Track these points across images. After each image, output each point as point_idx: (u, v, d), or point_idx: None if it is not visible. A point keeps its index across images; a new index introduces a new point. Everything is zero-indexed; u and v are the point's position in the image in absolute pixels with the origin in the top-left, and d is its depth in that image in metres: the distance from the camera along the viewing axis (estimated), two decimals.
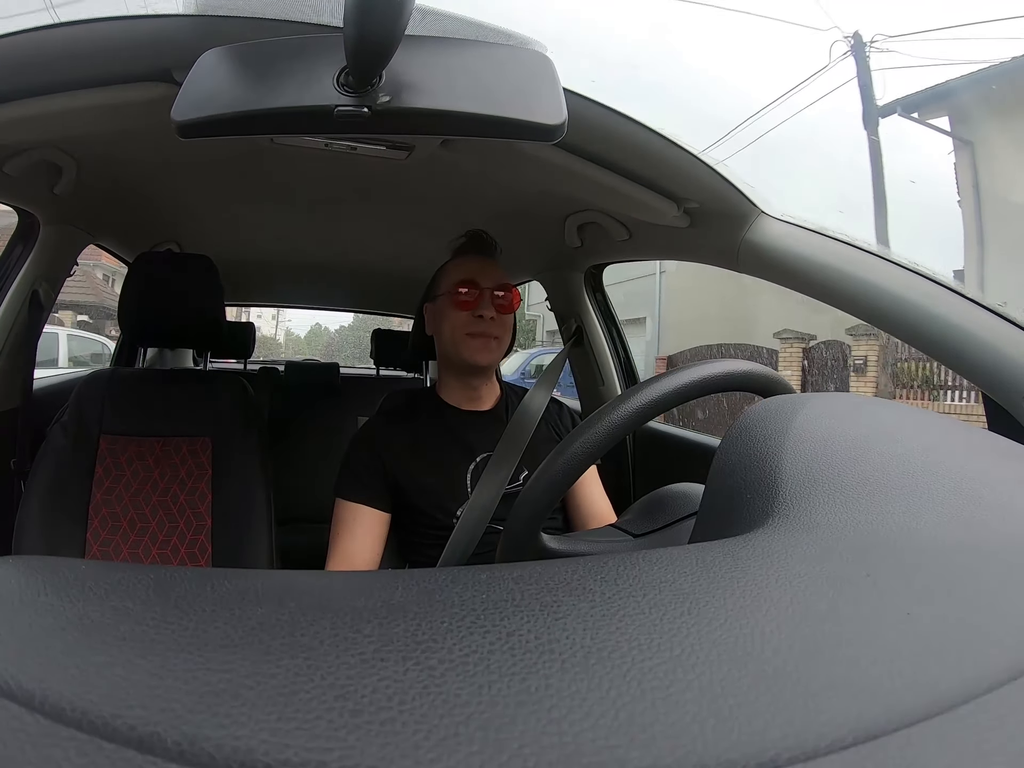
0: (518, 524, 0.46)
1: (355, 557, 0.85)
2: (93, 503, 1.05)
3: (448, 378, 1.00)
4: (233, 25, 0.56)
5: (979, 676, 0.17)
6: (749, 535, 0.28)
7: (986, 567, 0.24)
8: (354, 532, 0.87)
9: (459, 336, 0.93)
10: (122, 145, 0.86)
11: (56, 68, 0.61)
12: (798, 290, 0.80)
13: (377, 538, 0.89)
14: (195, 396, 1.16)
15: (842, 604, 0.20)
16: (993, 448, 0.33)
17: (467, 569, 0.23)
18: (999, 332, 0.62)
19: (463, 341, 0.93)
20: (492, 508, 0.85)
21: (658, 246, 1.11)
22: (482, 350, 0.93)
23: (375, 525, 0.89)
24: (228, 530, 1.08)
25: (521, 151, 0.77)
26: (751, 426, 0.36)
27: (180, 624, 0.18)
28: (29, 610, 0.18)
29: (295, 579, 0.23)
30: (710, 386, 0.50)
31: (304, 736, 0.14)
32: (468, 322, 0.92)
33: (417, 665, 0.16)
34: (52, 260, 1.15)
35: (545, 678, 0.16)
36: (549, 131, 0.43)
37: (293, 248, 1.61)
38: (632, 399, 0.47)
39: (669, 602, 0.20)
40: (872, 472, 0.30)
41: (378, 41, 0.38)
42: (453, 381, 0.99)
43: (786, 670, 0.17)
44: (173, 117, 0.42)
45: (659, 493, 0.61)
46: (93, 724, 0.14)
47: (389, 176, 1.00)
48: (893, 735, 0.15)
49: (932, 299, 0.66)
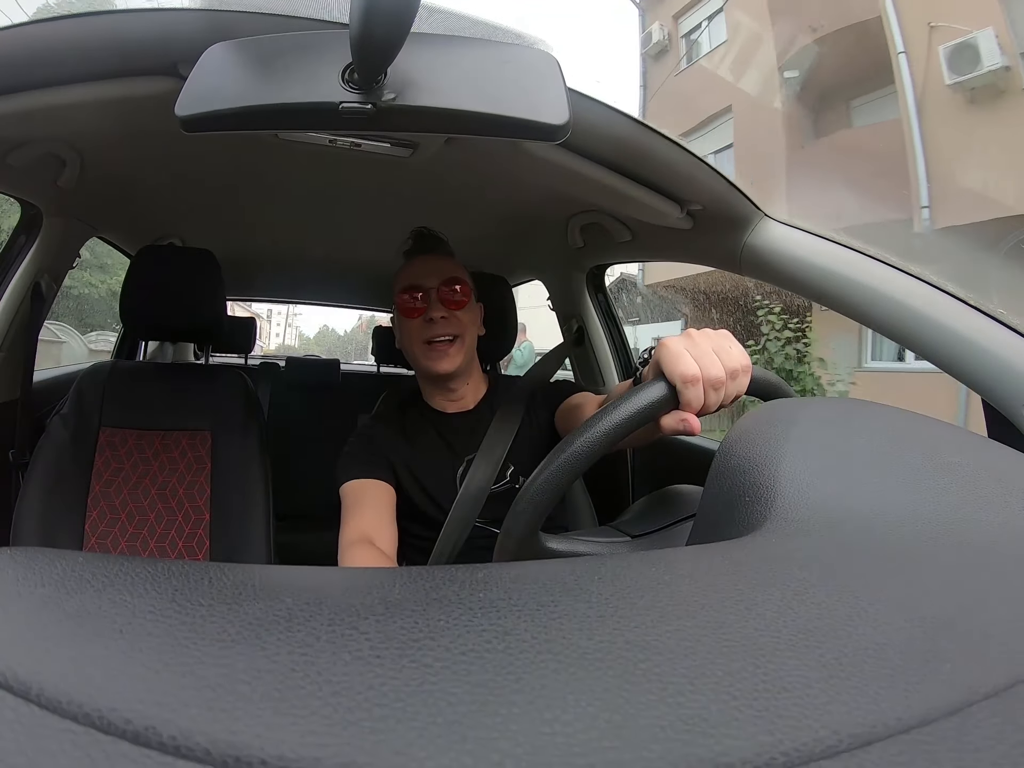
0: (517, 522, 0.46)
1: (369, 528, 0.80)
2: (92, 495, 1.05)
3: (424, 384, 0.98)
4: (239, 20, 0.56)
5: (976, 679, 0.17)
6: (747, 538, 0.28)
7: (985, 568, 0.24)
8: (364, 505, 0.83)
9: (416, 346, 0.90)
10: (126, 139, 0.86)
11: (61, 61, 0.61)
12: (799, 293, 0.80)
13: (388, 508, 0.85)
14: (195, 390, 1.16)
15: (838, 608, 0.20)
16: (994, 453, 0.33)
17: (464, 568, 0.23)
18: (1000, 339, 0.62)
19: (421, 351, 0.90)
20: (477, 508, 0.84)
21: (660, 248, 1.11)
22: (441, 358, 0.89)
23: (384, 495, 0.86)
24: (226, 524, 1.08)
25: (525, 151, 0.77)
26: (750, 429, 0.36)
27: (177, 618, 0.18)
28: (26, 601, 0.18)
29: (293, 574, 0.23)
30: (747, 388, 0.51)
31: (299, 732, 0.14)
32: (420, 329, 0.89)
33: (413, 663, 0.16)
34: (55, 252, 1.15)
35: (541, 678, 0.16)
36: (553, 131, 0.43)
37: (295, 244, 1.61)
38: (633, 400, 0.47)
39: (666, 604, 0.20)
40: (871, 475, 0.30)
41: (384, 38, 0.38)
42: (430, 387, 0.97)
43: (780, 675, 0.17)
44: (177, 111, 0.42)
45: (658, 495, 0.61)
46: (89, 716, 0.14)
47: (392, 173, 0.99)
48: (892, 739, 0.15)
49: (933, 305, 0.66)
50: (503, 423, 0.91)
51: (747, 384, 0.51)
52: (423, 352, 0.90)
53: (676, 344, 0.49)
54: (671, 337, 0.51)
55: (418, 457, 0.92)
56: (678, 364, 0.47)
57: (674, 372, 0.47)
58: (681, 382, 0.47)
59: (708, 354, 0.49)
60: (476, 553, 0.85)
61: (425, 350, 0.89)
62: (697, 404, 0.48)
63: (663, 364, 0.48)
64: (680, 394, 0.47)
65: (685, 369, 0.47)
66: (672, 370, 0.48)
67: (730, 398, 0.50)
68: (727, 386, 0.49)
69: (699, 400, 0.48)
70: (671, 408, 0.48)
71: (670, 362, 0.48)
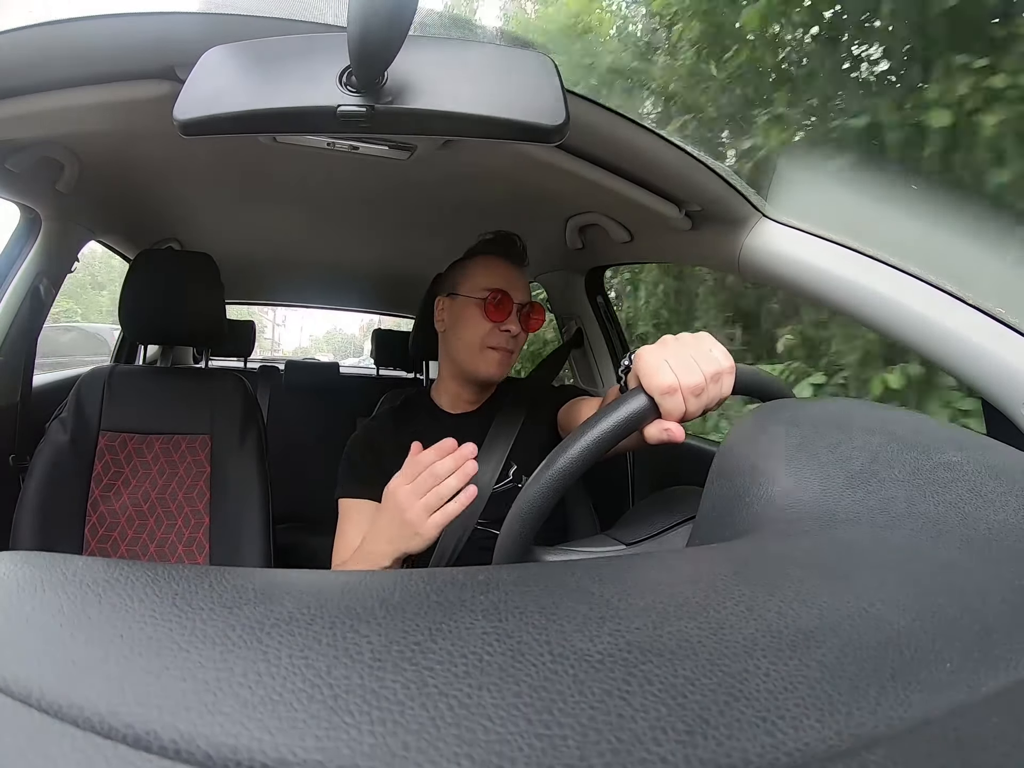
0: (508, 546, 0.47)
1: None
2: (91, 499, 1.05)
3: (448, 381, 0.97)
4: (237, 23, 0.56)
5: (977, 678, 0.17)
6: (747, 538, 0.28)
7: (985, 567, 0.24)
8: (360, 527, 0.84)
9: (478, 346, 0.89)
10: (125, 142, 0.86)
11: (60, 65, 0.61)
12: (798, 294, 0.80)
13: None
14: (195, 394, 1.16)
15: (838, 608, 0.20)
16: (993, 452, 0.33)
17: (465, 570, 0.23)
18: (1000, 338, 0.62)
19: (482, 352, 0.89)
20: (478, 509, 0.84)
21: (659, 249, 1.11)
22: (500, 364, 0.89)
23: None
24: (226, 528, 1.07)
25: (523, 152, 0.77)
26: (750, 430, 0.36)
27: (177, 622, 0.18)
28: (26, 606, 0.18)
29: (293, 578, 0.23)
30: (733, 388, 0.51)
31: (300, 735, 0.14)
32: (492, 334, 0.88)
33: (414, 666, 0.16)
34: (53, 257, 1.15)
35: (543, 680, 0.16)
36: (550, 133, 0.43)
37: (294, 247, 1.61)
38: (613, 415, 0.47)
39: (666, 605, 0.20)
40: (871, 475, 0.30)
41: (382, 41, 0.38)
42: (453, 385, 0.96)
43: (781, 676, 0.17)
44: (175, 115, 0.42)
45: (652, 499, 0.61)
46: (89, 721, 0.14)
47: (390, 176, 0.99)
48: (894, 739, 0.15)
49: (933, 304, 0.66)
50: (504, 423, 0.91)
51: (731, 385, 0.51)
52: (482, 355, 0.89)
53: (652, 354, 0.49)
54: (648, 346, 0.50)
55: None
56: (654, 376, 0.47)
57: (651, 384, 0.47)
58: (659, 394, 0.47)
59: (686, 361, 0.48)
60: (478, 555, 0.85)
61: (487, 352, 0.89)
62: (678, 413, 0.48)
63: (640, 376, 0.48)
64: (659, 405, 0.47)
65: (661, 381, 0.47)
66: (649, 383, 0.47)
67: (713, 402, 0.50)
68: (708, 391, 0.49)
69: (679, 409, 0.47)
70: (653, 418, 0.48)
71: (647, 374, 0.48)
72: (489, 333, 0.88)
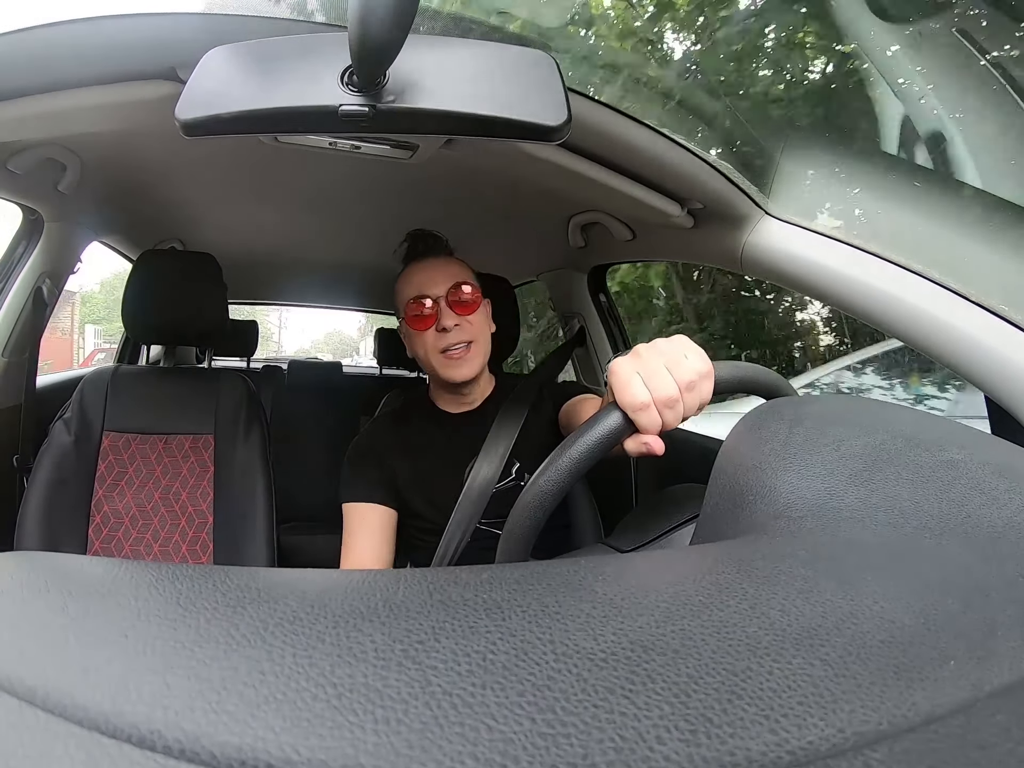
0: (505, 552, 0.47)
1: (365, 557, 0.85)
2: (95, 500, 1.05)
3: (437, 388, 0.98)
4: (238, 24, 0.56)
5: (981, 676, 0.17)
6: (751, 536, 0.28)
7: (990, 564, 0.24)
8: (363, 532, 0.87)
9: (431, 356, 0.89)
10: (127, 143, 0.87)
11: (61, 66, 0.61)
12: (800, 291, 0.80)
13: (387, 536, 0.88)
14: (198, 393, 1.16)
15: (842, 605, 0.20)
16: (997, 449, 0.33)
17: (469, 569, 0.23)
18: (1004, 336, 0.61)
19: (438, 361, 0.89)
20: (481, 507, 0.85)
21: (662, 247, 1.11)
22: (457, 366, 0.88)
23: (383, 523, 0.88)
24: (230, 528, 1.08)
25: (525, 151, 0.77)
26: (753, 427, 0.36)
27: (181, 621, 0.18)
28: (31, 606, 0.18)
29: (296, 577, 0.23)
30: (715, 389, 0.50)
31: (304, 734, 0.14)
32: (434, 339, 0.88)
33: (418, 665, 0.16)
34: (56, 257, 1.15)
35: (546, 679, 0.16)
36: (552, 132, 0.43)
37: (296, 247, 1.61)
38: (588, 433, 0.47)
39: (670, 603, 0.20)
40: (875, 473, 0.30)
41: (383, 41, 0.38)
42: (443, 392, 0.97)
43: (785, 674, 0.17)
44: (177, 115, 0.42)
45: (650, 502, 0.61)
46: (94, 720, 0.14)
47: (392, 175, 0.99)
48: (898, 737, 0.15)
49: (935, 302, 0.66)
50: (506, 421, 0.91)
51: (711, 389, 0.50)
52: (440, 363, 0.89)
53: (624, 369, 0.48)
54: (619, 359, 0.49)
55: (423, 459, 0.92)
56: (625, 393, 0.47)
57: (623, 401, 0.47)
58: (631, 411, 0.46)
59: (658, 372, 0.47)
60: (480, 554, 0.85)
61: (442, 360, 0.88)
62: (654, 427, 0.47)
63: (614, 392, 0.48)
64: (635, 421, 0.47)
65: (632, 398, 0.46)
66: (621, 399, 0.47)
67: (692, 409, 0.49)
68: (684, 400, 0.48)
69: (655, 423, 0.47)
70: (630, 433, 0.47)
71: (619, 390, 0.47)
72: (432, 340, 0.88)
